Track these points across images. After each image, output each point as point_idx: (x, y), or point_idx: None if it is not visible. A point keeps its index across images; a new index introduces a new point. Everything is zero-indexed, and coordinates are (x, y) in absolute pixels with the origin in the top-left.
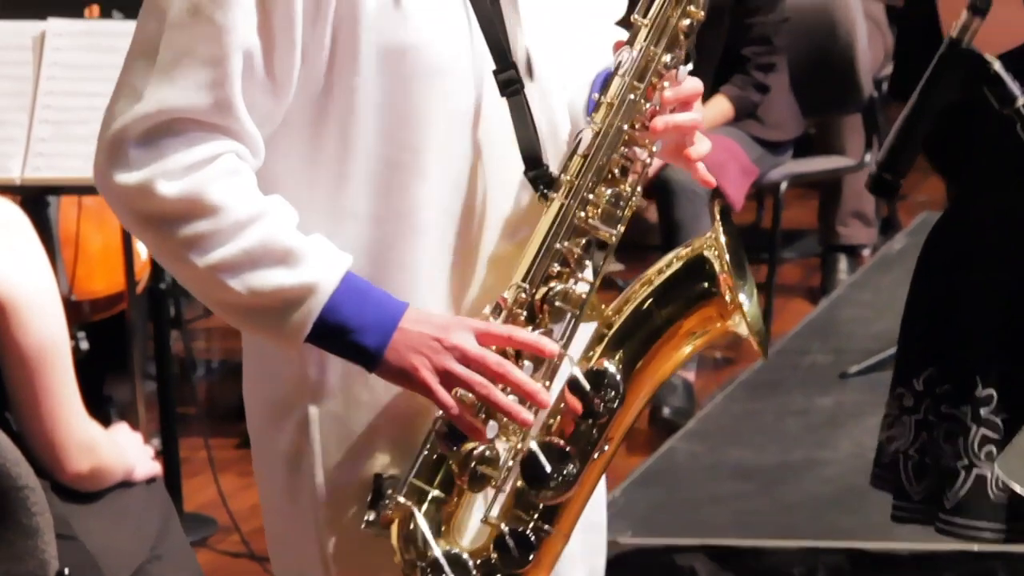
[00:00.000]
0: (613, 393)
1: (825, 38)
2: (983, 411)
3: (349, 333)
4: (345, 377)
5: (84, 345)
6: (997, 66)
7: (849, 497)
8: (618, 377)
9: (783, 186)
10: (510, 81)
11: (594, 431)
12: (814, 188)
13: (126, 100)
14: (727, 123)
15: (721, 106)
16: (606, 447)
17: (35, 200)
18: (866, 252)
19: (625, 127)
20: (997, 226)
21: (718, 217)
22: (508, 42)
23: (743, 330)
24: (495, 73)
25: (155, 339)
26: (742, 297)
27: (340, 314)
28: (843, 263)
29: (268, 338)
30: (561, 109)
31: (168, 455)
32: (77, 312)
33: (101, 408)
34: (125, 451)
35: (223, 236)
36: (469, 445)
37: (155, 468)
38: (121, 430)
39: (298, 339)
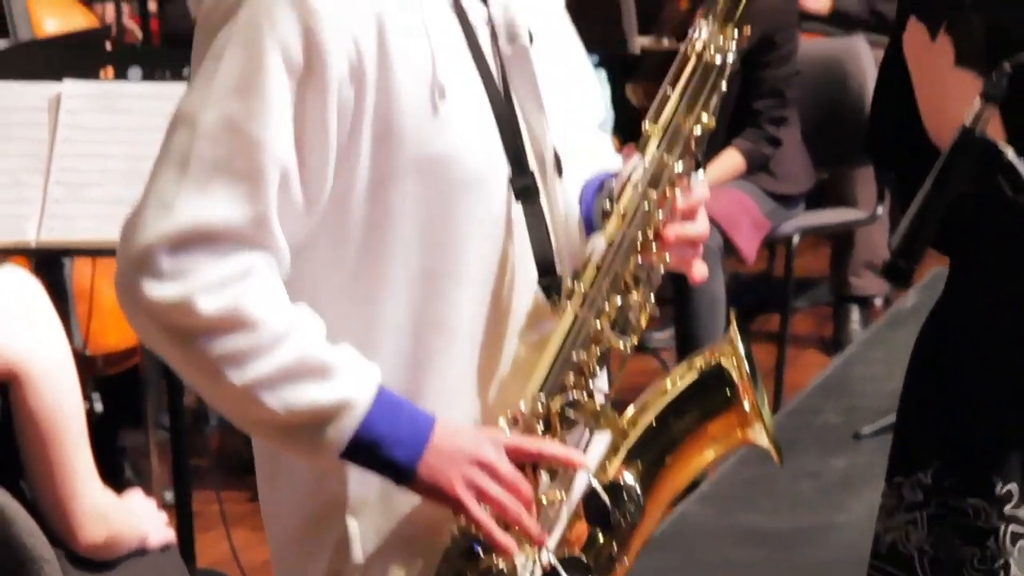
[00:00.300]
0: (633, 507)
1: (836, 90)
2: (1007, 508)
3: (382, 448)
4: (386, 488)
5: (98, 407)
6: (1011, 154)
7: (864, 564)
8: (638, 490)
9: (795, 239)
10: (526, 188)
11: (614, 544)
12: (826, 236)
13: (156, 212)
14: (739, 177)
15: (733, 160)
16: (625, 559)
17: (49, 261)
18: (878, 302)
19: (639, 238)
20: (1008, 314)
21: (734, 323)
22: (531, 145)
23: (762, 440)
24: (511, 180)
25: (168, 391)
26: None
27: (374, 430)
28: (855, 314)
29: (299, 454)
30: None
31: (181, 508)
32: (91, 367)
33: (114, 460)
34: (139, 519)
35: (260, 351)
36: (488, 560)
37: (169, 535)
38: (135, 497)
39: (332, 456)
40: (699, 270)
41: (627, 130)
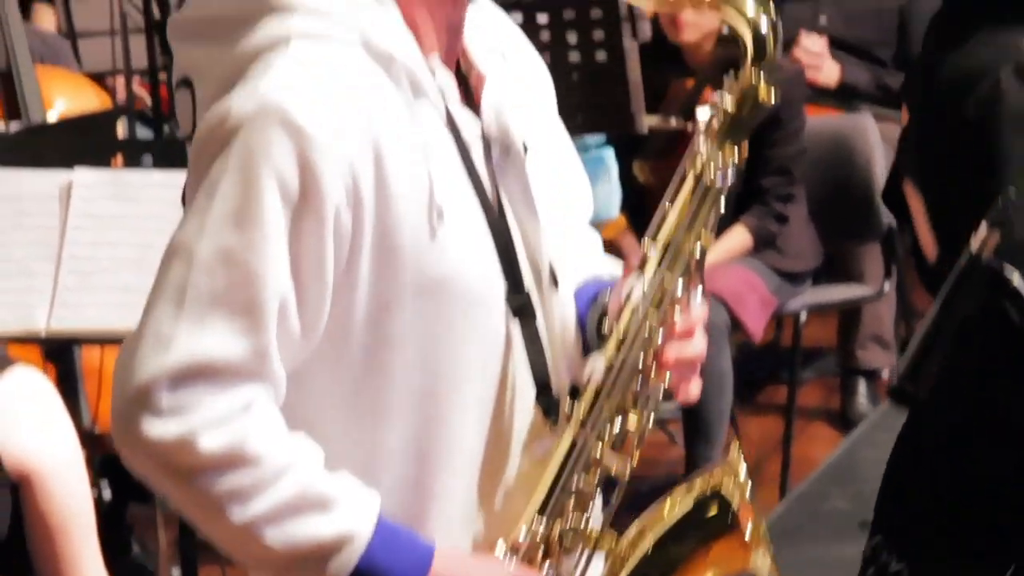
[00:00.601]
0: None
1: (843, 167)
2: None
3: None
4: None
5: (107, 493)
6: (1016, 281)
7: None
8: None
9: (802, 316)
10: (522, 307)
11: None
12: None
13: (154, 347)
14: (746, 254)
15: (741, 237)
16: None
17: (60, 348)
18: (885, 374)
19: (638, 361)
20: (994, 407)
21: (737, 446)
22: (527, 258)
23: (764, 567)
24: (507, 298)
25: None
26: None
27: (375, 562)
28: (862, 387)
29: None
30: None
31: None
32: (100, 445)
33: (121, 536)
34: None
35: (262, 487)
36: None
37: None
38: None
39: None
40: (693, 391)
41: (634, 207)
